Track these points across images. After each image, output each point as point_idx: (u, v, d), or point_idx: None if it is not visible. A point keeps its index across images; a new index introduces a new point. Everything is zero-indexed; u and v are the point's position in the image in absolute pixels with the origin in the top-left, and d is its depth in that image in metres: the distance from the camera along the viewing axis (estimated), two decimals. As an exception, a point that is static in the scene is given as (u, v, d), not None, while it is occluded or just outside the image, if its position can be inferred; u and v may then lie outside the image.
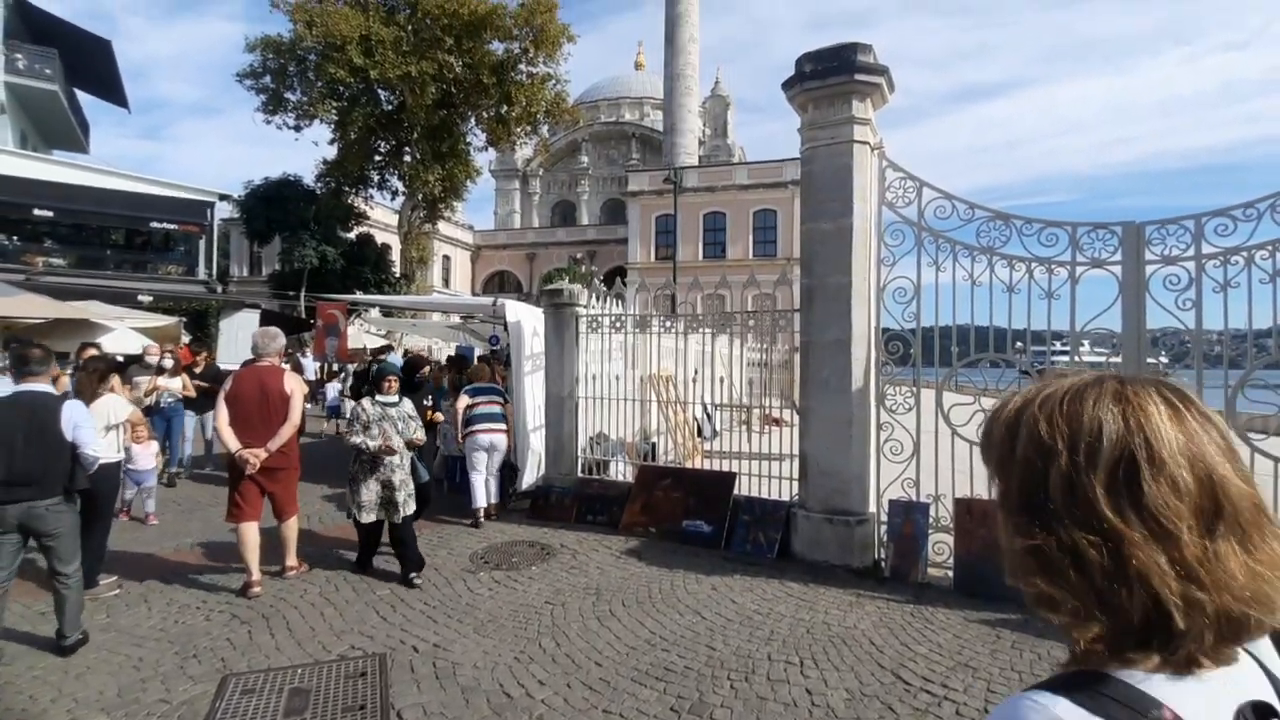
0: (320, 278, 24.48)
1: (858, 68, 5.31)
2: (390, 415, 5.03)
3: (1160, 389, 0.67)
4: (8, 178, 19.58)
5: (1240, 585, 0.59)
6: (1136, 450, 0.62)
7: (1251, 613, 0.59)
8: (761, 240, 33.58)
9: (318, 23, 21.35)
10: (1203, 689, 0.60)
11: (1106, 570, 0.61)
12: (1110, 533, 0.61)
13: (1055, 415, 0.66)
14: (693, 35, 46.16)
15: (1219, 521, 0.60)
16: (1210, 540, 0.60)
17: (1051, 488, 0.65)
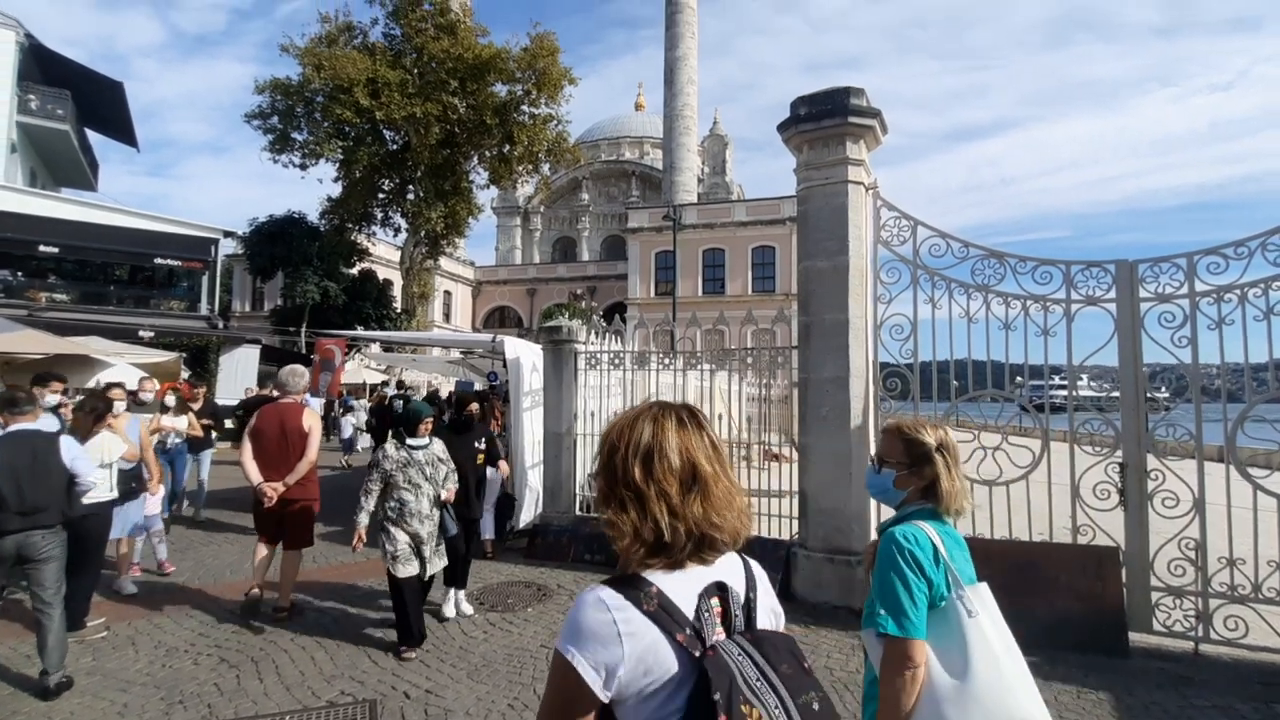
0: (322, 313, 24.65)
1: (851, 110, 5.42)
2: (417, 460, 4.47)
3: (678, 413, 1.15)
4: (14, 215, 19.83)
5: (700, 518, 1.07)
6: (654, 447, 1.10)
7: (710, 533, 1.07)
8: (760, 276, 33.86)
9: (326, 66, 21.94)
10: (684, 576, 1.06)
11: (638, 513, 1.07)
12: (639, 491, 1.07)
13: (622, 430, 1.14)
14: (691, 77, 47.33)
15: (694, 485, 1.08)
16: (687, 494, 1.08)
17: (616, 468, 1.11)
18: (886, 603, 1.60)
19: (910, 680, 1.54)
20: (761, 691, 0.98)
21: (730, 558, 1.14)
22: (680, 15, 47.31)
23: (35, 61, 22.43)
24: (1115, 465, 4.67)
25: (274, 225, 25.72)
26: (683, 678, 0.97)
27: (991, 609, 1.63)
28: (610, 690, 0.98)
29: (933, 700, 1.53)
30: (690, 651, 0.98)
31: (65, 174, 26.91)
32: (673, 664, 0.98)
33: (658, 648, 0.98)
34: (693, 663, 0.98)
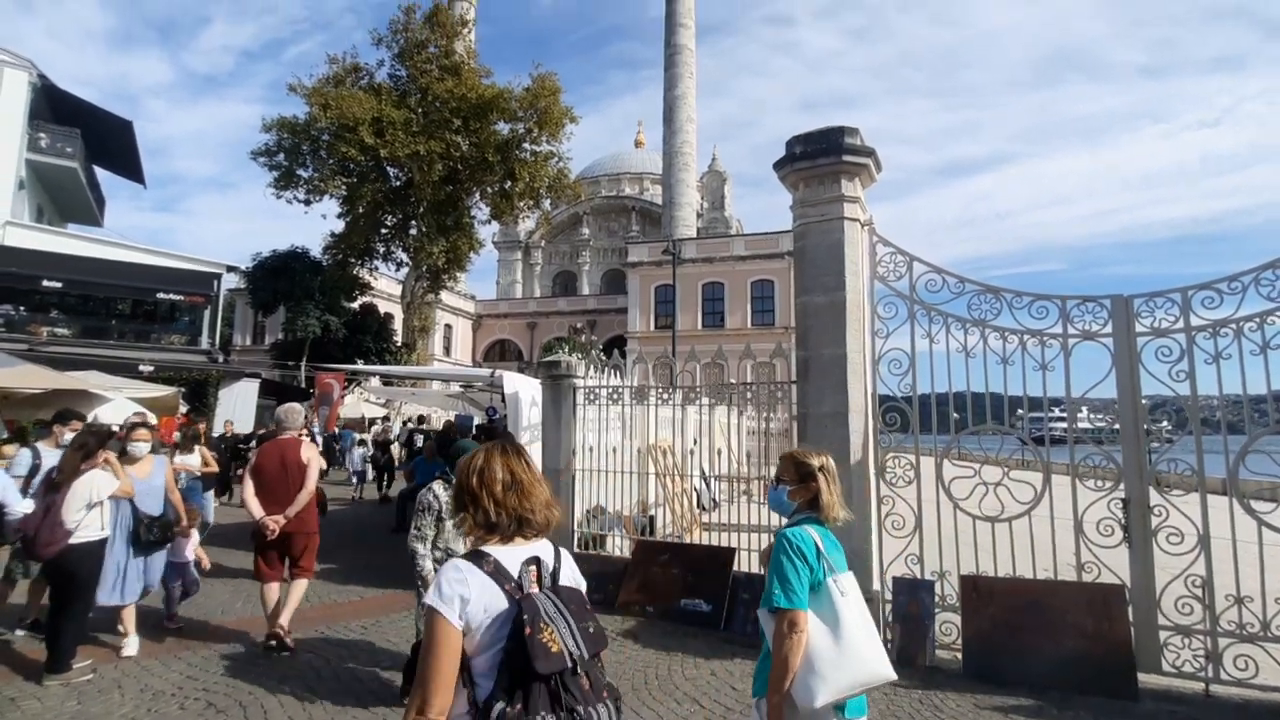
0: (322, 347, 24.72)
1: (845, 149, 5.52)
2: None
3: (504, 445, 1.77)
4: (19, 250, 20.07)
5: (516, 506, 1.64)
6: (484, 466, 1.67)
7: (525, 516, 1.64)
8: (760, 310, 34.05)
9: (333, 105, 22.42)
10: (511, 550, 1.61)
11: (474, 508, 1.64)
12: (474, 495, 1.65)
13: (466, 461, 1.72)
14: (690, 116, 48.34)
15: (513, 487, 1.65)
16: (507, 493, 1.64)
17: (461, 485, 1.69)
18: (779, 584, 2.10)
19: (797, 643, 2.02)
20: (555, 619, 1.53)
21: (545, 543, 1.72)
22: (679, 57, 48.56)
23: (47, 101, 22.94)
24: (1118, 500, 4.63)
25: (277, 260, 25.98)
26: (508, 613, 1.52)
27: (856, 593, 2.15)
28: (462, 623, 1.50)
29: (812, 658, 2.02)
30: (513, 596, 1.54)
31: (72, 210, 27.29)
32: (503, 603, 1.53)
33: (493, 594, 1.54)
34: (514, 603, 1.53)
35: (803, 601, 2.06)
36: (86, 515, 4.52)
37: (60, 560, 4.47)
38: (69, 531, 4.41)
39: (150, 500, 5.04)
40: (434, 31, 24.94)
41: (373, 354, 26.39)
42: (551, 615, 1.53)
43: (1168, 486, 4.61)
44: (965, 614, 4.79)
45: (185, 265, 23.08)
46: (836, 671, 1.99)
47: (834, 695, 1.99)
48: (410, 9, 25.16)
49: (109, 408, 10.76)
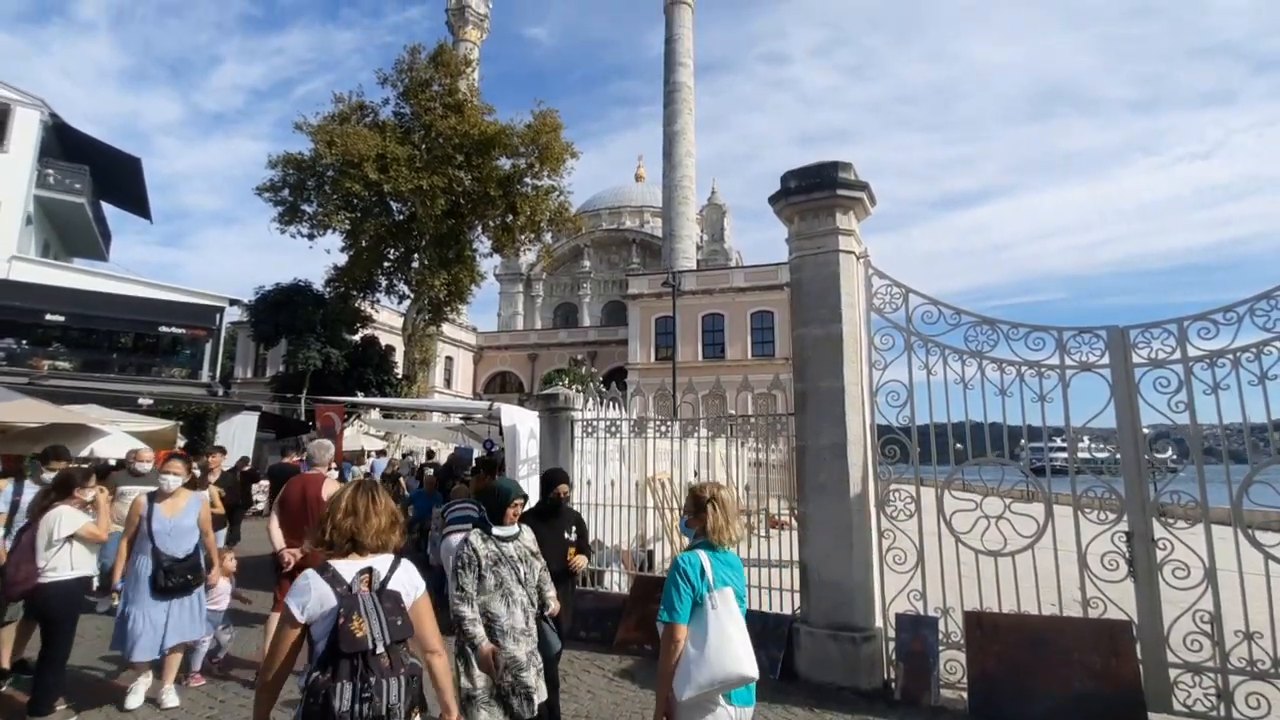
0: (323, 380, 24.71)
1: (839, 183, 5.59)
2: (508, 556, 3.34)
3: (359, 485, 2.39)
4: (23, 284, 20.23)
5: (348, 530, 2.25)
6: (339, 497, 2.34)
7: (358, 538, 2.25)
8: (759, 341, 34.13)
9: (338, 143, 22.80)
10: (348, 563, 2.22)
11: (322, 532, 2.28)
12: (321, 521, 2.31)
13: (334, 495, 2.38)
14: (689, 150, 49.16)
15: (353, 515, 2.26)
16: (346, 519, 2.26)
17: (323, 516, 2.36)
18: (665, 602, 2.57)
19: (673, 650, 2.50)
20: (369, 613, 2.11)
21: (384, 557, 2.30)
22: (678, 94, 49.60)
23: (58, 138, 23.39)
24: (1121, 534, 4.57)
25: (280, 293, 26.14)
26: (335, 608, 2.10)
27: (731, 603, 2.57)
28: (304, 617, 2.11)
29: (684, 663, 2.47)
30: (342, 596, 2.11)
31: (78, 244, 27.61)
32: (333, 601, 2.11)
33: (327, 594, 2.12)
34: (340, 600, 2.10)
35: (682, 616, 2.53)
36: (55, 554, 4.43)
37: (33, 600, 4.42)
38: (37, 570, 4.35)
39: (176, 541, 4.64)
40: (438, 71, 25.50)
41: (373, 386, 26.35)
42: (366, 610, 2.13)
43: (1171, 518, 4.55)
44: (970, 652, 4.69)
45: (188, 299, 23.25)
46: (699, 671, 2.42)
47: (696, 690, 2.41)
48: (416, 49, 25.78)
49: (106, 442, 10.72)
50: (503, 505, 3.45)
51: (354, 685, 2.05)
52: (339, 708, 2.02)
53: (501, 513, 3.45)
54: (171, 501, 4.77)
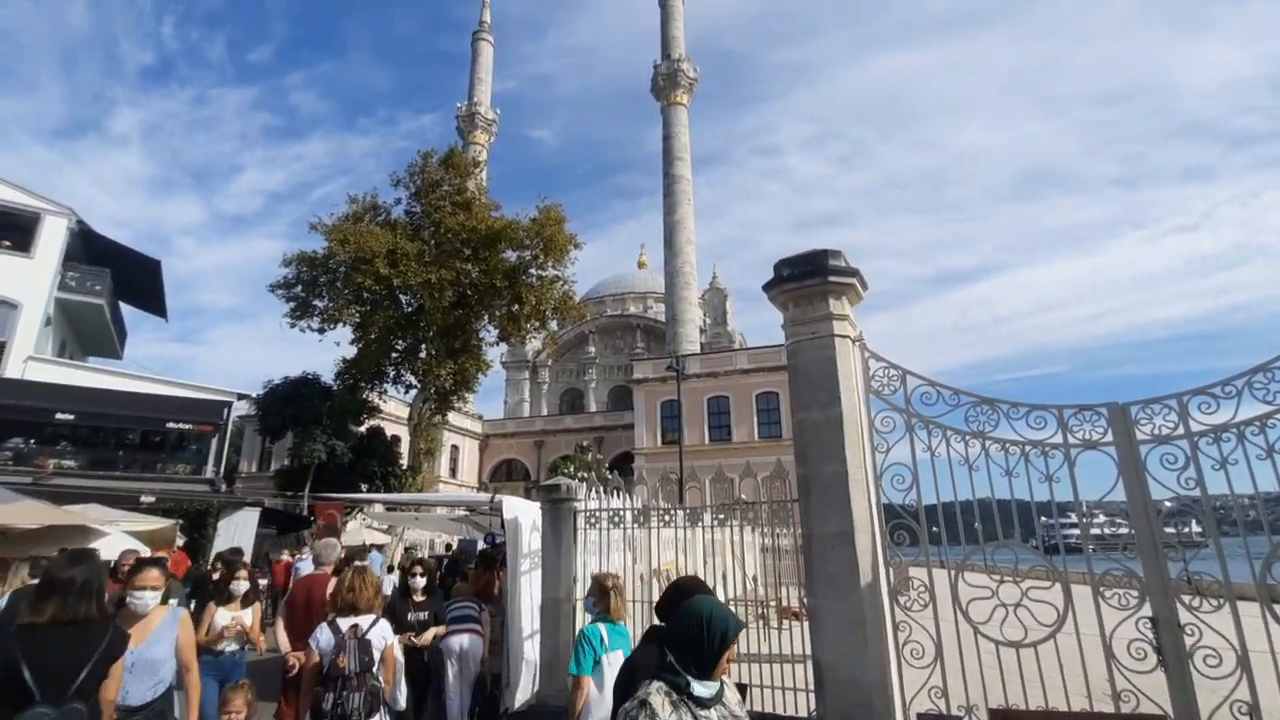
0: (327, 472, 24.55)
1: (830, 270, 5.75)
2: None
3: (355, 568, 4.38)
4: (35, 384, 20.56)
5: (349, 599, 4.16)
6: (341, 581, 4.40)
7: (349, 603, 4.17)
8: (766, 422, 33.97)
9: (350, 241, 23.73)
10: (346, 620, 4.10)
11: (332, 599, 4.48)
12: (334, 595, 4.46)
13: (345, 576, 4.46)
14: (689, 238, 50.81)
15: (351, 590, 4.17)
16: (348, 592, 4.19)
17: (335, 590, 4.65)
18: (575, 660, 3.80)
19: (581, 696, 3.74)
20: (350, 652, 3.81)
21: (370, 616, 4.09)
22: (677, 186, 51.86)
23: (82, 243, 24.41)
24: (1146, 619, 4.37)
25: (288, 387, 26.41)
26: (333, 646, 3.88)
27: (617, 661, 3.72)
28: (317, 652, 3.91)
29: (589, 704, 3.71)
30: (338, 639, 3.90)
31: (94, 343, 28.24)
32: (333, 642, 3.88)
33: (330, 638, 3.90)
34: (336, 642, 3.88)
35: (586, 670, 3.82)
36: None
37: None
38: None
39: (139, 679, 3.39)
40: (448, 172, 26.85)
41: (378, 478, 26.12)
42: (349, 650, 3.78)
43: (1196, 595, 4.37)
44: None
45: (196, 395, 23.49)
46: (598, 707, 3.72)
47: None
48: (428, 154, 27.27)
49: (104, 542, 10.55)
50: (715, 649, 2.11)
51: (333, 695, 3.74)
52: (324, 708, 3.74)
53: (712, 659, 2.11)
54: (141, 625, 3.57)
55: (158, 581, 3.73)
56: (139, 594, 3.65)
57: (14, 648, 2.71)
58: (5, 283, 21.63)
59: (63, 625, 2.83)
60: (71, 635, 2.84)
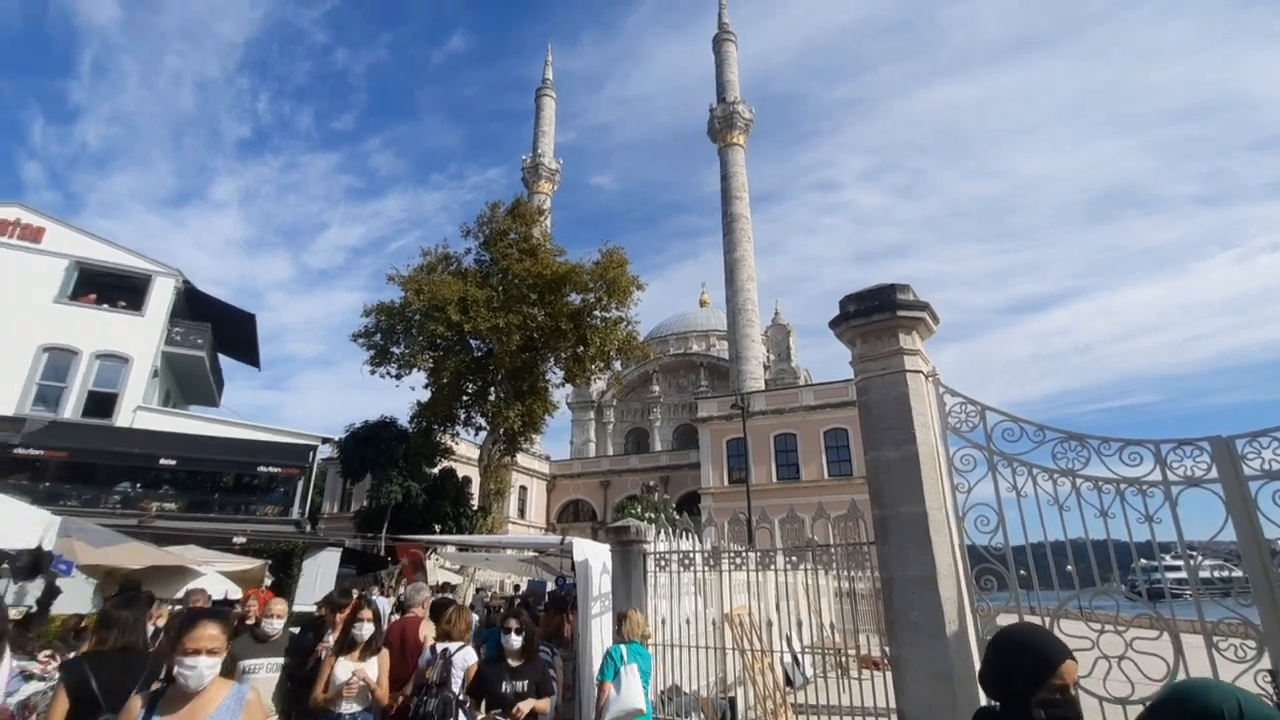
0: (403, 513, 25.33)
1: (899, 305, 5.64)
2: None
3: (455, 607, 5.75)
4: (142, 431, 22.28)
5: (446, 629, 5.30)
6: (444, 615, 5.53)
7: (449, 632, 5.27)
8: (835, 460, 32.97)
9: (424, 290, 24.94)
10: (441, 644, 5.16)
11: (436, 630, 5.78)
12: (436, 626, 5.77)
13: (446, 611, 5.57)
14: (750, 275, 50.73)
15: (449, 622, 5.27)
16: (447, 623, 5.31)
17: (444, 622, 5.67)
18: (601, 670, 5.31)
19: (602, 695, 5.15)
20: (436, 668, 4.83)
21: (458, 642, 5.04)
22: (735, 224, 52.12)
23: (186, 299, 26.60)
24: (1265, 673, 3.96)
25: (367, 430, 27.62)
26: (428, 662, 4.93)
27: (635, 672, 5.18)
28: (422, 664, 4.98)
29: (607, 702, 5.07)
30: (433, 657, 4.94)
31: (194, 392, 30.43)
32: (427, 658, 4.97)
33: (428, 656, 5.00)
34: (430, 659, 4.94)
35: (607, 676, 5.16)
36: None
37: None
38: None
39: None
40: (515, 221, 28.00)
41: (450, 518, 26.74)
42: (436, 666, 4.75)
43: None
44: (1113, 826, 4.01)
45: (284, 439, 24.86)
46: (615, 704, 5.01)
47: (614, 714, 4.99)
48: (495, 205, 28.57)
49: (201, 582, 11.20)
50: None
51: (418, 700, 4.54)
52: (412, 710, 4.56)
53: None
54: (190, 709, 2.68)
55: (216, 642, 2.75)
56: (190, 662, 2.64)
57: (85, 668, 3.37)
58: (119, 339, 23.74)
59: (119, 651, 3.49)
60: (126, 660, 3.48)
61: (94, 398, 22.97)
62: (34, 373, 22.33)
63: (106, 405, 23.00)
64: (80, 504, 19.07)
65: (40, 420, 21.07)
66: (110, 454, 21.53)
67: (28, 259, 23.35)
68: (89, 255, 24.42)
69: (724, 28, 63.21)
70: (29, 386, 22.17)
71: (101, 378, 23.31)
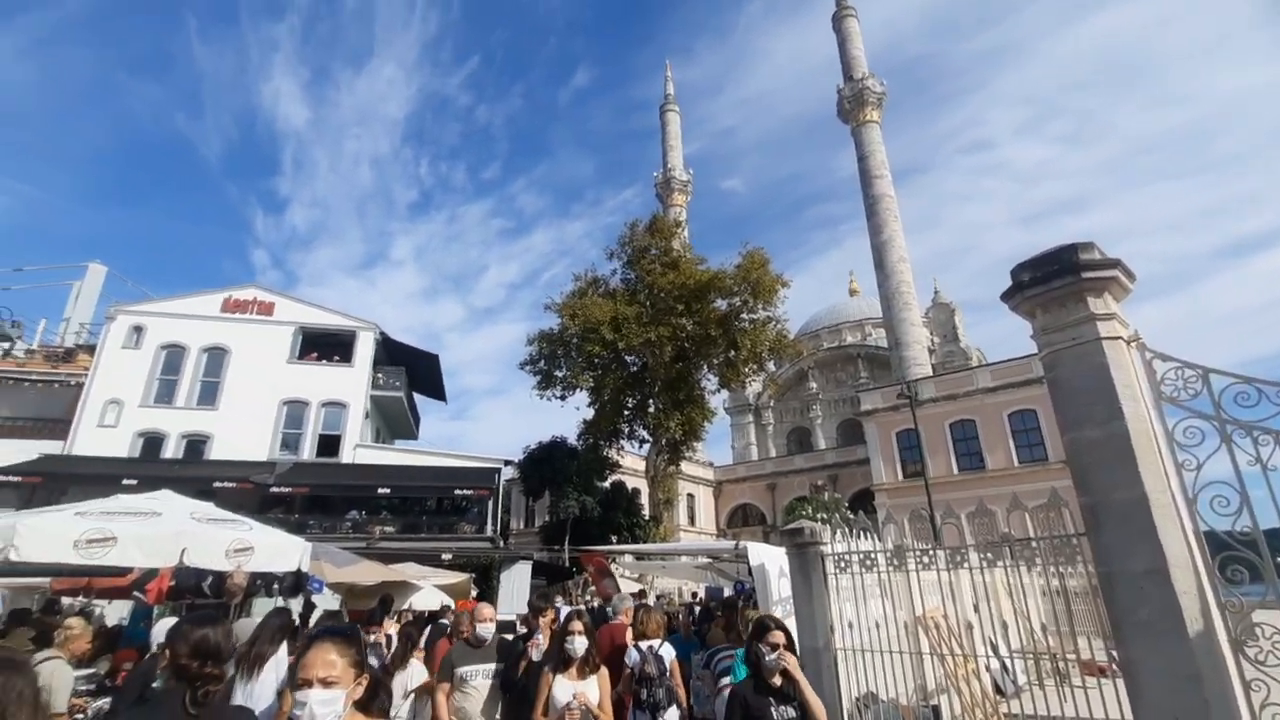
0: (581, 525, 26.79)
1: (1082, 266, 5.07)
2: None
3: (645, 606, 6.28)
4: (362, 465, 25.74)
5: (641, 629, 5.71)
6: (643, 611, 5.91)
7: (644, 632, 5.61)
8: (1024, 444, 29.72)
9: (579, 314, 26.38)
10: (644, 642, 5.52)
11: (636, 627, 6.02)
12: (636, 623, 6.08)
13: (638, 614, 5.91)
14: (901, 256, 47.62)
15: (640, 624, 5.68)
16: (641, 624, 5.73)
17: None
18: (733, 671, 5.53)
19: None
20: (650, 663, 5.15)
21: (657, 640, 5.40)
22: (879, 205, 49.26)
23: (383, 349, 30.46)
24: None
25: (541, 450, 29.64)
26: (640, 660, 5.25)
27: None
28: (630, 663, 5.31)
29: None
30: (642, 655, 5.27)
31: (397, 428, 34.59)
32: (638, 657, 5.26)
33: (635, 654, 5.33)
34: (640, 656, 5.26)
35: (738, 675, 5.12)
36: (404, 705, 5.20)
37: None
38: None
39: None
40: (654, 237, 28.74)
41: (624, 529, 27.81)
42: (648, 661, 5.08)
43: None
44: None
45: (472, 464, 27.46)
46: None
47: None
48: (634, 224, 29.54)
49: (420, 595, 12.68)
50: None
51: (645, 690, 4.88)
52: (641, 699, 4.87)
53: None
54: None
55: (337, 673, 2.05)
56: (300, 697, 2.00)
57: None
58: (338, 388, 27.84)
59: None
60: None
61: (323, 440, 27.11)
62: (279, 423, 26.85)
63: (333, 445, 26.99)
64: (321, 531, 22.36)
65: (287, 462, 25.15)
66: (340, 486, 25.20)
67: (265, 329, 28.16)
68: (308, 320, 28.98)
69: (842, 4, 60.36)
70: (276, 434, 26.66)
71: (327, 422, 27.44)
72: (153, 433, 25.66)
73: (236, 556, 6.88)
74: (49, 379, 26.13)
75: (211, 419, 26.31)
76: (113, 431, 25.01)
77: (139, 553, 6.44)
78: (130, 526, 6.50)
